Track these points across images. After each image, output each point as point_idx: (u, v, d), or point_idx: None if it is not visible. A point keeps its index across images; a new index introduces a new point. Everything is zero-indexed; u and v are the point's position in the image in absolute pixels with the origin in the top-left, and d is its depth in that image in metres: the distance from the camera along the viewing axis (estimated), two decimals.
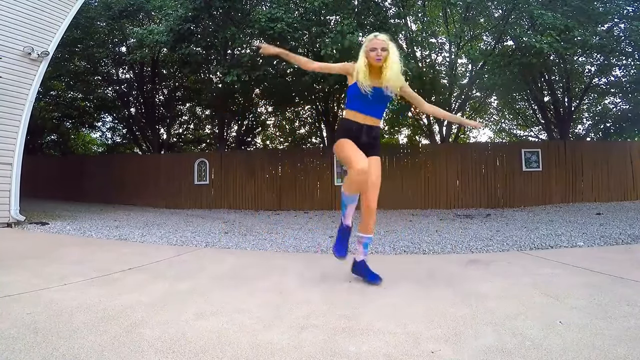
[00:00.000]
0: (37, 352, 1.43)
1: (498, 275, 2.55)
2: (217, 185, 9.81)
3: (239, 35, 8.26)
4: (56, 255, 3.27)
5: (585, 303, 1.93)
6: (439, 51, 10.43)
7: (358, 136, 2.34)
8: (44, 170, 12.12)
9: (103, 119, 14.97)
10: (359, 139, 2.33)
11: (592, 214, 6.39)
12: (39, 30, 5.34)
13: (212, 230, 5.26)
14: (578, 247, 3.65)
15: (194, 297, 2.12)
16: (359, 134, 2.34)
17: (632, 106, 10.08)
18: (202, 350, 1.46)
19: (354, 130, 2.36)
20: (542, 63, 8.90)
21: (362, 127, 2.35)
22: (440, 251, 3.66)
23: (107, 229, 4.99)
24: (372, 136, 2.39)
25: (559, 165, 8.80)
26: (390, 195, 8.94)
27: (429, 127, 11.56)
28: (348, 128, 2.38)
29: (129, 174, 10.70)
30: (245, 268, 2.78)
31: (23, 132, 5.22)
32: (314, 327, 1.70)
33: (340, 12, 7.67)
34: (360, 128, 2.35)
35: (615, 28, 8.82)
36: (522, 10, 8.17)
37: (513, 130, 15.29)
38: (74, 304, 1.95)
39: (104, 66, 12.76)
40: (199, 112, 14.77)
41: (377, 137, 2.42)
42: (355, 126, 2.36)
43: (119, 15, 10.35)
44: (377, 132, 2.42)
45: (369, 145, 2.37)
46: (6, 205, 4.95)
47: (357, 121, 2.36)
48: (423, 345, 1.51)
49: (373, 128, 2.39)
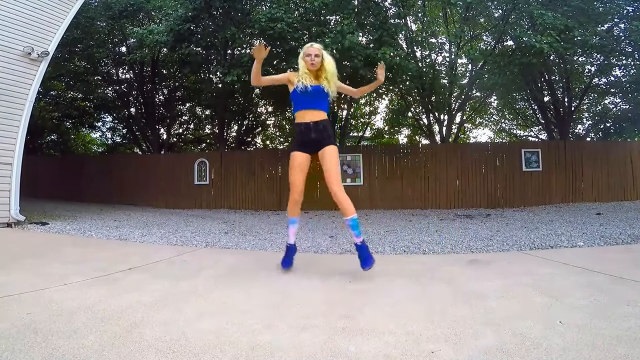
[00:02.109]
0: (37, 352, 1.43)
1: (498, 275, 2.54)
2: (217, 185, 9.81)
3: (239, 35, 8.27)
4: (56, 255, 3.27)
5: (585, 303, 1.93)
6: (439, 51, 10.44)
7: (308, 135, 2.61)
8: (44, 170, 12.12)
9: (103, 119, 14.98)
10: (310, 137, 2.60)
11: (592, 214, 6.39)
12: (39, 30, 5.34)
13: (212, 230, 5.26)
14: (578, 247, 3.65)
15: (194, 297, 2.12)
16: (308, 132, 2.60)
17: (632, 106, 10.09)
18: (202, 350, 1.46)
19: (303, 130, 2.62)
20: (542, 63, 8.91)
21: (309, 125, 2.60)
22: (440, 251, 3.66)
23: (107, 229, 4.99)
24: (320, 130, 2.61)
25: (559, 165, 8.80)
26: (390, 195, 8.97)
27: (429, 127, 11.57)
28: (298, 131, 2.65)
29: (129, 174, 10.70)
30: (245, 268, 2.77)
31: (23, 132, 5.21)
32: (314, 327, 1.69)
33: (340, 12, 7.68)
34: (308, 126, 2.60)
35: (615, 28, 8.82)
36: (522, 10, 8.18)
37: (513, 130, 15.30)
38: (74, 304, 1.95)
39: (104, 66, 12.77)
40: (199, 112, 14.77)
41: (325, 129, 2.64)
42: (304, 126, 2.62)
43: (119, 15, 10.36)
44: (324, 124, 2.64)
45: (319, 139, 2.61)
46: (6, 205, 4.95)
47: (304, 121, 2.61)
48: (423, 345, 1.51)
49: (319, 123, 2.61)
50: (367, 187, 9.02)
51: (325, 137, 2.61)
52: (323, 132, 2.61)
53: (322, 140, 2.60)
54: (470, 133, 16.19)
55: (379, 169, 9.15)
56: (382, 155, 9.27)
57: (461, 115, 12.38)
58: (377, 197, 8.94)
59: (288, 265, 2.75)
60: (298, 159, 2.62)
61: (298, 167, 2.62)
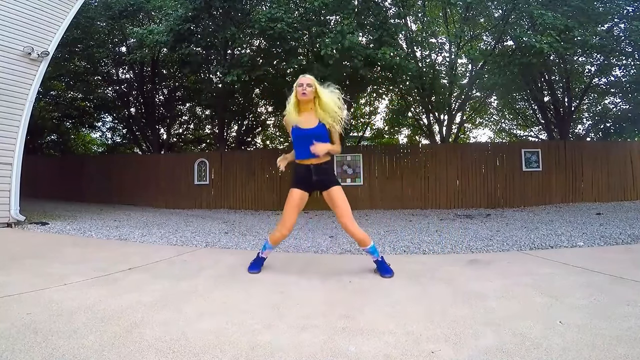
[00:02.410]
0: (37, 352, 1.43)
1: (498, 275, 2.54)
2: (217, 185, 9.81)
3: (239, 35, 8.26)
4: (56, 255, 3.27)
5: (585, 303, 1.93)
6: (439, 51, 10.43)
7: (309, 177, 2.56)
8: (44, 170, 12.12)
9: (103, 119, 14.98)
10: (310, 179, 2.56)
11: (592, 214, 6.39)
12: (39, 30, 5.34)
13: (212, 230, 5.26)
14: (578, 247, 3.65)
15: (194, 297, 2.12)
16: (309, 175, 2.56)
17: (632, 106, 10.08)
18: (202, 350, 1.47)
19: (303, 173, 2.57)
20: (542, 63, 8.90)
21: (309, 168, 2.55)
22: (440, 251, 3.66)
23: (107, 229, 4.99)
24: (322, 172, 2.57)
25: (559, 165, 8.80)
26: (390, 195, 8.96)
27: (429, 127, 11.57)
28: (298, 172, 2.61)
29: (129, 174, 10.70)
30: (245, 268, 2.77)
31: (23, 132, 5.21)
32: (314, 327, 1.70)
33: (340, 12, 7.67)
34: (309, 169, 2.55)
35: (615, 28, 8.82)
36: (522, 10, 8.17)
37: (513, 130, 15.30)
38: (74, 304, 1.95)
39: (104, 66, 12.76)
40: (199, 112, 14.77)
41: (327, 171, 2.61)
42: (304, 169, 2.57)
43: (119, 15, 10.35)
44: (325, 166, 2.60)
45: (321, 181, 2.57)
46: (6, 205, 4.95)
47: (304, 164, 2.57)
48: (423, 345, 1.51)
49: (320, 165, 2.56)
50: (367, 187, 9.02)
51: (328, 180, 2.57)
52: (326, 174, 2.59)
53: (325, 182, 2.56)
54: (470, 133, 16.20)
55: (379, 169, 9.15)
56: (382, 155, 9.27)
57: (461, 115, 12.38)
58: (377, 197, 8.95)
59: (257, 269, 2.70)
60: (296, 198, 2.56)
61: (296, 206, 2.56)
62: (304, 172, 2.57)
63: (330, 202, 2.56)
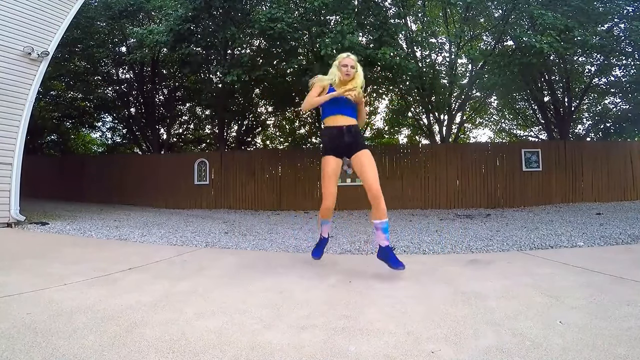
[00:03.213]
0: (37, 352, 1.43)
1: (498, 275, 2.54)
2: (217, 186, 9.81)
3: (239, 35, 8.26)
4: (56, 255, 3.27)
5: (585, 303, 1.93)
6: (439, 51, 10.43)
7: (341, 138, 2.61)
8: (44, 170, 12.12)
9: (103, 119, 14.98)
10: (343, 141, 2.61)
11: (592, 214, 6.39)
12: (39, 30, 5.34)
13: (212, 230, 5.26)
14: (578, 247, 3.65)
15: (194, 297, 2.12)
16: (341, 136, 2.61)
17: (632, 106, 10.08)
18: (202, 350, 1.46)
19: (336, 134, 2.63)
20: (542, 63, 8.90)
21: (342, 129, 2.62)
22: (440, 251, 3.66)
23: (107, 229, 4.99)
24: (353, 134, 2.64)
25: (559, 165, 8.80)
26: (390, 195, 8.94)
27: (429, 127, 11.56)
28: (330, 134, 2.67)
29: (129, 174, 10.70)
30: (245, 268, 2.77)
31: (23, 132, 5.21)
32: (314, 327, 1.69)
33: (340, 12, 7.67)
34: (341, 130, 2.62)
35: (615, 28, 8.82)
36: (522, 10, 8.18)
37: (513, 130, 15.29)
38: (74, 304, 1.95)
39: (104, 66, 12.77)
40: (199, 112, 14.77)
41: (357, 133, 2.68)
42: (337, 130, 2.63)
43: (119, 15, 10.36)
44: (356, 129, 2.68)
45: (353, 143, 2.63)
46: (6, 205, 4.95)
47: (337, 125, 2.63)
48: (423, 345, 1.51)
49: (352, 127, 2.64)
50: None
51: (358, 142, 2.64)
52: (356, 136, 2.65)
53: (356, 144, 2.62)
54: (470, 133, 16.19)
55: (379, 168, 9.08)
56: (382, 155, 9.27)
57: (461, 115, 12.38)
58: None
59: (318, 256, 2.91)
60: (332, 164, 2.63)
61: (333, 174, 2.63)
62: (335, 134, 2.62)
63: (360, 166, 2.61)
